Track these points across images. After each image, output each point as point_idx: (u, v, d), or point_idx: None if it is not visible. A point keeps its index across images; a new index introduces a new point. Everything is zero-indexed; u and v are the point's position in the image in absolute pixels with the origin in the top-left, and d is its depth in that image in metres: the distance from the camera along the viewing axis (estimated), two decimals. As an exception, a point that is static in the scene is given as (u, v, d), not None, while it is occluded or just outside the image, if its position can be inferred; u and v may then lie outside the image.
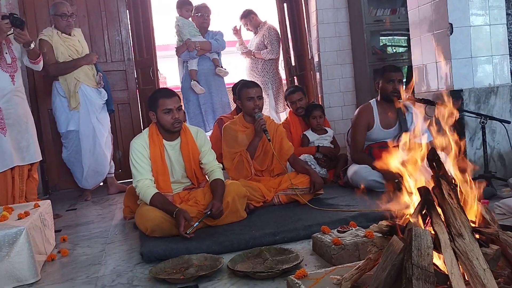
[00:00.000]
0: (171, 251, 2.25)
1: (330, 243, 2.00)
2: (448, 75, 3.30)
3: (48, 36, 3.86)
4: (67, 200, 4.25)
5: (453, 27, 3.23)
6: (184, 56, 4.73)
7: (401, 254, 1.30)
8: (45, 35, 3.87)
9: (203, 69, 4.72)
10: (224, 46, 4.86)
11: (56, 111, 4.02)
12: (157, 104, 2.71)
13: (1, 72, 3.05)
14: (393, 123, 3.39)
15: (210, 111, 4.71)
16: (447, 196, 1.38)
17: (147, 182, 2.66)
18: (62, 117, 3.98)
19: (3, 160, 3.04)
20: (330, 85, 5.20)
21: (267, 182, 3.12)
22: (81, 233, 2.98)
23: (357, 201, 2.96)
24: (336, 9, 5.14)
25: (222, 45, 4.81)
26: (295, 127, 3.97)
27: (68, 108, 3.94)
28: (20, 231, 2.11)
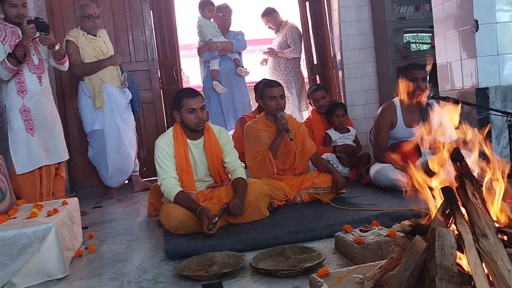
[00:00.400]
0: (195, 248, 2.28)
1: (353, 242, 2.00)
2: (473, 73, 3.24)
3: (74, 37, 3.95)
4: (93, 197, 4.35)
5: (479, 23, 3.18)
6: (206, 56, 4.77)
7: (424, 254, 1.30)
8: (71, 36, 3.97)
9: (224, 69, 4.77)
10: (245, 46, 4.89)
11: (82, 110, 4.12)
12: (181, 104, 2.75)
13: (29, 73, 3.14)
14: (416, 122, 3.35)
15: (231, 110, 4.75)
16: (471, 196, 1.37)
17: (171, 180, 2.70)
18: (88, 117, 4.08)
19: (31, 159, 3.13)
20: (352, 83, 5.17)
21: (289, 181, 3.13)
22: (107, 230, 3.05)
23: (379, 200, 2.94)
24: (359, 6, 5.10)
25: (243, 45, 4.84)
26: (317, 125, 3.97)
27: (93, 108, 4.03)
28: (50, 228, 2.18)
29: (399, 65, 4.76)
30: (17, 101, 3.10)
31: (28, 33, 2.94)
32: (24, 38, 2.96)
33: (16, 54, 2.94)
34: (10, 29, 3.09)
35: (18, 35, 3.08)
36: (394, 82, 4.77)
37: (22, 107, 3.11)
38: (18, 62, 2.97)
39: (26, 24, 2.93)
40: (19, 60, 2.96)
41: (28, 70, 3.13)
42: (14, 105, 3.10)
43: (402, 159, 3.26)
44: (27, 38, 2.96)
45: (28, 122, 3.13)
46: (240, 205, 2.61)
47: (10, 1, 3.05)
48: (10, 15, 3.08)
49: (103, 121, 4.03)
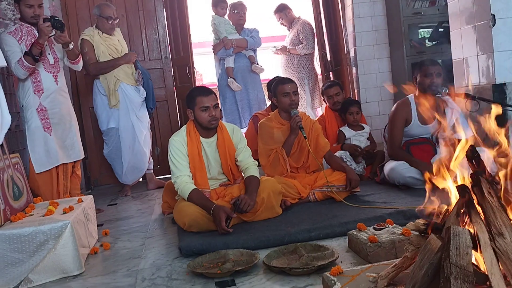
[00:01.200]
0: (208, 246, 2.29)
1: (366, 241, 1.99)
2: (490, 69, 3.18)
3: (90, 36, 3.99)
4: (108, 195, 4.39)
5: (496, 18, 3.12)
6: (221, 54, 4.79)
7: (439, 253, 1.28)
8: (86, 34, 4.01)
9: (239, 66, 4.78)
10: (260, 43, 4.89)
11: (97, 109, 4.16)
12: (195, 102, 2.76)
13: (44, 72, 3.18)
14: (431, 119, 3.31)
15: (246, 107, 4.76)
16: (487, 195, 1.34)
17: (185, 178, 2.71)
18: (103, 115, 4.12)
19: (49, 158, 3.18)
20: (366, 80, 5.13)
21: (302, 179, 3.12)
22: (121, 227, 3.08)
23: (394, 198, 2.92)
24: (373, 2, 5.05)
25: (258, 42, 4.85)
26: (330, 123, 3.95)
27: (108, 106, 4.07)
28: (65, 225, 2.21)
29: (414, 61, 4.70)
30: (34, 100, 3.14)
31: (44, 31, 2.98)
32: (40, 36, 3.00)
33: (32, 52, 2.98)
34: (26, 29, 3.14)
35: (34, 35, 3.12)
36: (409, 78, 4.72)
37: (39, 106, 3.15)
38: (35, 60, 3.01)
39: (42, 23, 2.97)
40: (35, 58, 3.00)
41: (44, 70, 3.18)
42: (31, 104, 3.14)
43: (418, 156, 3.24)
44: (43, 36, 3.00)
45: (45, 121, 3.17)
46: (249, 201, 2.59)
47: (26, 2, 3.09)
48: (26, 15, 3.13)
49: (118, 119, 4.07)
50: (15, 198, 2.48)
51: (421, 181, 3.10)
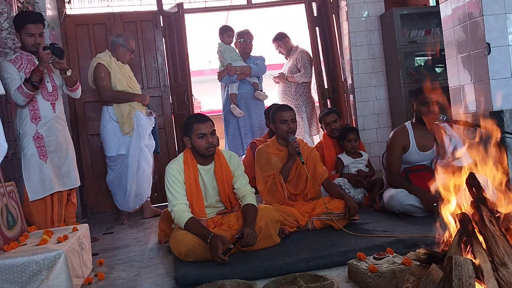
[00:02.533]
0: (205, 276, 2.25)
1: (366, 270, 1.95)
2: (487, 96, 3.20)
3: (107, 62, 4.09)
4: (105, 223, 4.34)
5: (491, 46, 3.15)
6: (225, 80, 4.88)
7: (441, 283, 1.25)
8: (103, 59, 4.09)
9: (243, 93, 4.85)
10: (265, 70, 4.99)
11: (106, 135, 4.15)
12: (191, 129, 2.75)
13: (42, 100, 3.19)
14: (430, 146, 3.30)
15: (249, 134, 4.81)
16: (488, 223, 1.32)
17: (182, 206, 2.68)
18: (113, 141, 4.12)
19: (44, 186, 3.15)
20: (364, 107, 5.16)
21: (300, 207, 3.09)
22: (117, 256, 3.03)
23: (393, 226, 2.88)
24: (369, 31, 5.13)
25: (262, 69, 4.94)
26: (328, 150, 3.94)
27: (120, 133, 4.09)
28: (59, 255, 2.16)
29: (411, 89, 4.74)
30: (31, 128, 3.14)
31: (44, 58, 3.00)
32: (40, 63, 3.03)
33: (32, 79, 3.00)
34: (26, 57, 3.16)
35: (33, 63, 3.15)
36: (406, 106, 4.75)
37: (35, 134, 3.14)
38: (34, 87, 3.03)
39: (42, 50, 3.00)
40: (34, 85, 3.01)
41: (42, 97, 3.18)
42: (28, 132, 3.13)
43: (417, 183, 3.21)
44: (43, 63, 3.02)
45: (41, 149, 3.16)
46: (254, 234, 2.56)
47: (27, 31, 3.13)
48: (27, 44, 3.16)
49: (129, 145, 4.09)
50: (9, 227, 2.44)
51: (421, 209, 3.08)
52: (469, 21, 3.28)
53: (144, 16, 5.19)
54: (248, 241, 2.52)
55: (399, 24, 4.89)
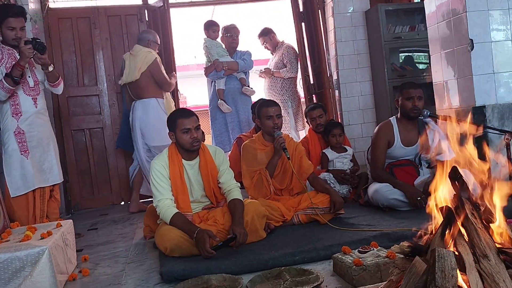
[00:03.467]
0: (190, 271, 2.24)
1: (351, 264, 1.96)
2: (469, 91, 3.25)
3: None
4: (89, 219, 4.29)
5: (474, 43, 3.20)
6: (212, 76, 4.84)
7: (424, 275, 1.27)
8: (155, 55, 4.44)
9: (230, 88, 4.82)
10: (252, 65, 4.96)
11: (160, 125, 4.10)
12: (176, 124, 2.74)
13: (24, 95, 3.13)
14: (414, 141, 3.34)
15: (237, 129, 4.78)
16: (470, 216, 1.34)
17: (167, 202, 2.67)
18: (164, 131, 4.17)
19: (25, 182, 3.10)
20: (349, 102, 5.19)
21: (286, 201, 3.10)
22: (102, 252, 3.00)
23: (378, 220, 2.91)
24: (354, 27, 5.15)
25: (249, 64, 4.91)
26: (313, 145, 3.95)
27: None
28: (43, 251, 2.13)
29: (395, 85, 4.78)
30: (12, 123, 3.08)
31: (25, 53, 2.95)
32: (21, 58, 2.97)
33: (12, 74, 2.94)
34: (7, 51, 3.10)
35: (14, 57, 3.09)
36: (391, 101, 4.79)
37: (16, 129, 3.09)
38: (15, 82, 2.97)
39: (23, 45, 2.94)
40: (15, 80, 2.96)
41: (23, 92, 3.12)
42: (9, 127, 3.08)
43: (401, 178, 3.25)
44: (24, 58, 2.97)
45: (23, 144, 3.11)
46: (246, 233, 2.55)
47: (8, 24, 3.06)
48: (8, 38, 3.09)
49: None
50: (-10, 223, 2.40)
51: (405, 203, 3.11)
52: (453, 17, 3.32)
53: (128, 10, 5.13)
54: (241, 241, 2.51)
55: (384, 20, 4.92)
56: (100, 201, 4.93)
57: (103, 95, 4.98)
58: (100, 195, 4.95)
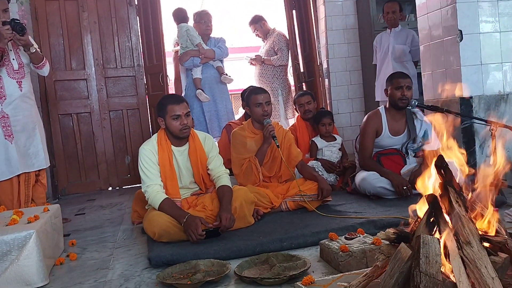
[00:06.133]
0: (178, 256, 2.25)
1: (338, 250, 1.99)
2: (457, 82, 3.28)
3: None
4: (76, 204, 4.28)
5: (463, 34, 3.22)
6: (188, 64, 4.73)
7: (409, 261, 1.29)
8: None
9: (207, 77, 4.73)
10: (227, 53, 4.87)
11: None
12: (166, 110, 2.72)
13: (8, 78, 3.07)
14: (401, 130, 3.37)
15: (214, 118, 4.71)
16: (455, 204, 1.37)
17: (156, 187, 2.67)
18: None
19: (9, 167, 3.06)
20: (338, 91, 5.21)
21: (275, 188, 3.12)
22: (89, 237, 3.00)
23: (365, 208, 2.94)
24: (345, 15, 5.15)
25: (225, 52, 4.82)
26: (301, 132, 3.97)
27: None
28: (30, 235, 2.13)
29: (385, 74, 4.80)
30: None
31: (4, 34, 2.90)
32: (0, 40, 2.91)
33: None
34: (-10, 34, 3.04)
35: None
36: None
37: (0, 113, 3.04)
38: None
39: (1, 26, 2.88)
40: None
41: (7, 75, 3.07)
42: None
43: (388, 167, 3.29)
44: (2, 39, 2.92)
45: (7, 129, 3.06)
46: (232, 217, 2.57)
47: None
48: None
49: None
50: (-24, 207, 2.38)
51: (392, 191, 3.15)
52: (442, 8, 3.33)
53: (118, -7, 5.06)
54: (227, 225, 2.53)
55: (374, 9, 4.93)
56: (87, 186, 4.91)
57: (91, 79, 4.93)
58: (87, 180, 4.93)
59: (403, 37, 4.51)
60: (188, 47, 4.69)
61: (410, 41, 4.49)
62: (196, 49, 4.67)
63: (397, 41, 4.49)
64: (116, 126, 5.01)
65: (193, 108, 4.72)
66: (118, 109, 5.01)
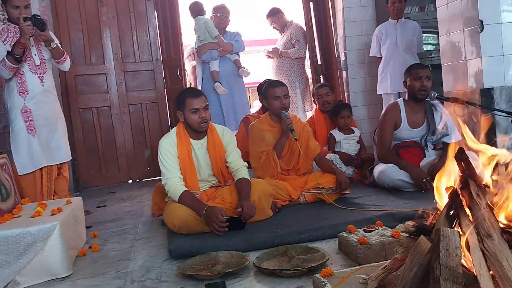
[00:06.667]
0: (198, 248, 2.28)
1: (356, 242, 2.00)
2: (478, 73, 3.23)
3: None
4: (97, 196, 4.36)
5: (484, 24, 3.16)
6: (206, 57, 4.76)
7: (429, 254, 1.29)
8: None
9: (224, 70, 4.77)
10: (244, 47, 4.91)
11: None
12: (185, 104, 2.75)
13: (30, 73, 3.13)
14: (420, 122, 3.34)
15: (231, 111, 4.74)
16: (475, 197, 1.36)
17: (176, 180, 2.70)
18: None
19: (32, 160, 3.14)
20: (356, 83, 5.16)
21: (293, 181, 3.12)
22: (111, 229, 3.06)
23: (383, 200, 2.93)
24: (363, 7, 5.09)
25: (242, 45, 4.86)
26: (320, 125, 3.96)
27: None
28: (54, 227, 2.18)
29: (403, 66, 4.74)
30: (18, 101, 3.10)
31: (25, 30, 2.94)
32: (22, 36, 2.96)
33: (14, 52, 2.94)
34: (13, 29, 3.09)
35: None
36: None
37: (23, 107, 3.11)
38: (17, 60, 2.97)
39: (23, 22, 2.94)
40: (17, 58, 2.96)
41: (29, 70, 3.13)
42: (16, 105, 3.10)
43: (407, 159, 3.26)
44: (24, 35, 2.96)
45: (29, 123, 3.13)
46: (252, 206, 2.60)
47: (12, 3, 3.04)
48: (13, 16, 3.08)
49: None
50: (2, 199, 2.45)
51: (410, 184, 3.13)
52: (463, -3, 3.27)
53: (136, -12, 5.10)
54: (249, 213, 2.56)
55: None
56: (107, 179, 4.99)
57: (110, 73, 4.99)
58: (107, 174, 5.01)
59: (410, 28, 4.46)
60: (206, 40, 4.71)
61: (417, 32, 4.44)
62: (213, 41, 4.68)
63: (406, 32, 4.43)
64: (135, 120, 5.07)
65: (211, 101, 4.72)
66: (137, 103, 5.07)
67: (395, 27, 4.48)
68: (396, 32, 4.46)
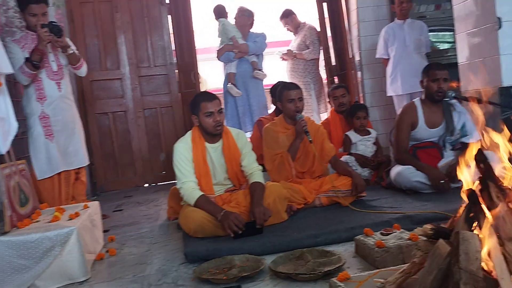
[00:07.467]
0: (214, 251, 2.28)
1: (373, 246, 1.97)
2: (496, 72, 3.17)
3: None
4: (114, 201, 4.39)
5: (502, 21, 3.10)
6: (224, 59, 4.78)
7: (448, 258, 1.27)
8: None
9: (241, 72, 4.74)
10: (264, 48, 4.84)
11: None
12: (199, 107, 2.76)
13: (47, 80, 3.18)
14: (438, 122, 3.29)
15: (247, 113, 4.72)
16: (495, 199, 1.33)
17: (191, 184, 2.71)
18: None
19: (50, 165, 3.18)
20: (371, 84, 5.11)
21: (308, 184, 3.10)
22: (128, 233, 3.08)
23: (400, 203, 2.89)
24: (377, 6, 5.04)
25: (260, 47, 4.79)
26: (335, 126, 3.94)
27: None
28: (71, 231, 2.20)
29: (419, 65, 4.68)
30: (37, 107, 3.15)
31: (42, 37, 2.99)
32: (39, 42, 3.01)
33: (32, 59, 2.99)
34: (31, 37, 3.14)
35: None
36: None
37: (41, 113, 3.16)
38: (35, 67, 3.02)
39: (40, 28, 2.98)
40: (35, 64, 3.01)
41: (47, 77, 3.17)
42: (34, 111, 3.15)
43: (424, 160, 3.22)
44: (41, 41, 3.01)
45: (47, 129, 3.18)
46: (265, 211, 2.56)
47: (30, 11, 3.10)
48: (30, 24, 3.13)
49: None
50: (21, 204, 2.48)
51: (428, 185, 3.08)
52: (480, -5, 3.22)
53: (149, -8, 5.14)
54: (261, 218, 2.52)
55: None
56: (124, 183, 5.03)
57: (125, 78, 5.03)
58: (124, 178, 5.05)
59: (417, 28, 4.41)
60: (225, 42, 4.74)
61: (425, 32, 4.38)
62: (230, 43, 4.70)
63: (413, 33, 4.39)
64: (150, 124, 5.10)
65: (228, 102, 4.78)
66: (152, 107, 5.11)
67: (403, 28, 4.44)
68: (403, 33, 4.42)
